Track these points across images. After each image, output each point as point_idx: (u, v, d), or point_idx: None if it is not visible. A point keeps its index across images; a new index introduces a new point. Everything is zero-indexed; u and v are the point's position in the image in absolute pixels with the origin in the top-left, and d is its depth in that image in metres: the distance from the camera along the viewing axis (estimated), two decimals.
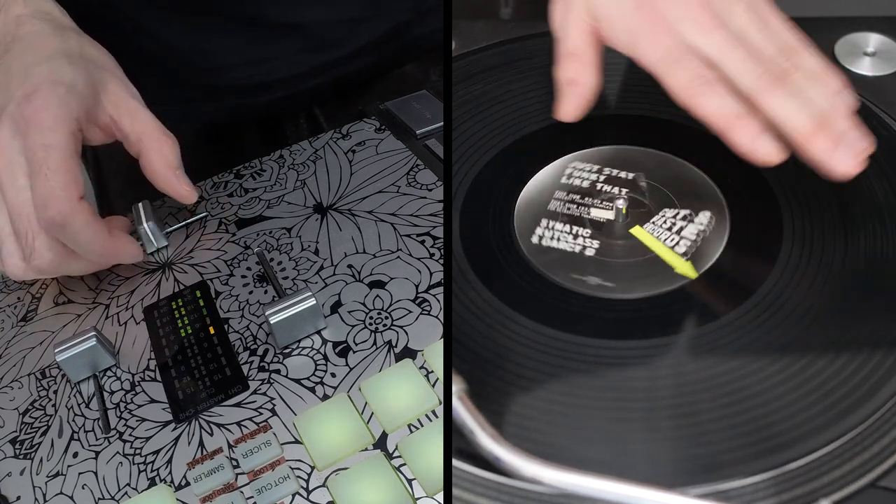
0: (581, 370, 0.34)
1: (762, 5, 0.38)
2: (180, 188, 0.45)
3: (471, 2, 0.58)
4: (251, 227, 0.48)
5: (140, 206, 0.48)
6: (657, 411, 0.33)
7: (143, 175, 0.45)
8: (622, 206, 0.40)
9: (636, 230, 0.39)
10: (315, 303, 0.40)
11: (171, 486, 0.36)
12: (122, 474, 0.37)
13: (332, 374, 0.39)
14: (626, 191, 0.41)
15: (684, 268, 0.37)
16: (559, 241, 0.40)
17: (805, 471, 0.30)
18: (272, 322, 0.39)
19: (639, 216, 0.40)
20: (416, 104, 0.55)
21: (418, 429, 0.36)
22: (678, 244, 0.38)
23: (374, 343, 0.40)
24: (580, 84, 0.41)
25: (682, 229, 0.39)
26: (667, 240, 0.39)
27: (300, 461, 0.36)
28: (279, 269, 0.45)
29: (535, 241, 0.40)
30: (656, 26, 0.37)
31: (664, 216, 0.40)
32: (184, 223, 0.50)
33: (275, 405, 0.38)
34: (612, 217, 0.40)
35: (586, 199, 0.41)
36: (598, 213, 0.41)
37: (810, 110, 0.35)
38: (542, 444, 0.32)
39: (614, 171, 0.43)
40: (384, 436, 0.36)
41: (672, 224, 0.39)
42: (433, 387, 0.37)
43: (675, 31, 0.37)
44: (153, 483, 0.36)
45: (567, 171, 0.43)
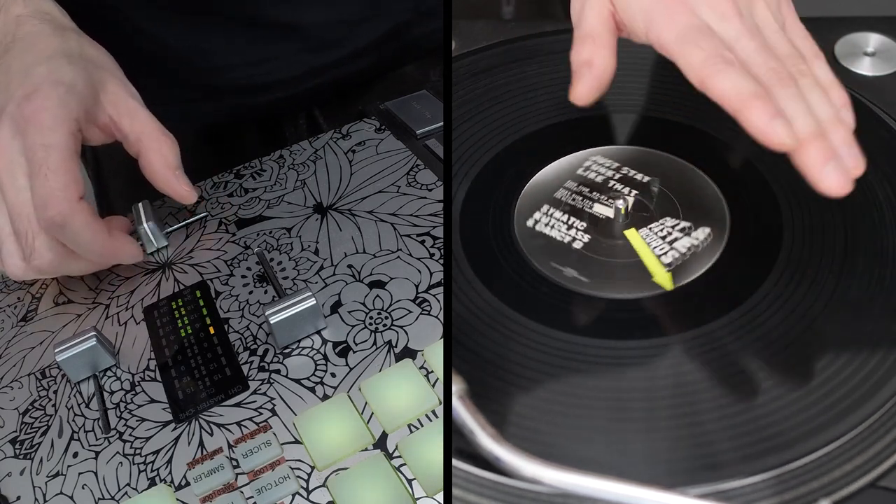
0: (581, 370, 0.34)
1: (785, 7, 0.38)
2: (180, 188, 0.45)
3: (471, 2, 0.58)
4: (251, 227, 0.48)
5: (140, 206, 0.48)
6: (657, 411, 0.33)
7: (143, 175, 0.45)
8: (622, 207, 0.40)
9: (630, 232, 0.39)
10: (315, 303, 0.40)
11: (171, 486, 0.36)
12: (122, 474, 0.37)
13: (332, 374, 0.39)
14: (636, 193, 0.41)
15: (662, 278, 0.37)
16: (552, 228, 0.40)
17: (805, 471, 0.30)
18: (272, 322, 0.39)
19: (639, 220, 0.40)
20: (416, 104, 0.55)
21: (418, 429, 0.36)
22: (666, 254, 0.38)
23: (374, 343, 0.40)
24: (595, 66, 0.39)
25: (675, 240, 0.38)
26: (657, 247, 0.38)
27: (300, 461, 0.36)
28: (279, 269, 0.45)
29: (529, 224, 0.40)
30: (674, 7, 0.37)
31: (663, 224, 0.39)
32: (184, 223, 0.50)
33: (275, 405, 0.38)
34: (612, 216, 0.40)
35: (594, 193, 0.41)
36: (599, 209, 0.41)
37: (811, 117, 0.34)
38: (542, 444, 0.32)
39: (632, 171, 0.42)
40: (384, 436, 0.36)
41: (668, 233, 0.39)
42: (433, 387, 0.37)
43: (692, 12, 0.36)
44: (153, 483, 0.36)
45: (586, 163, 0.43)
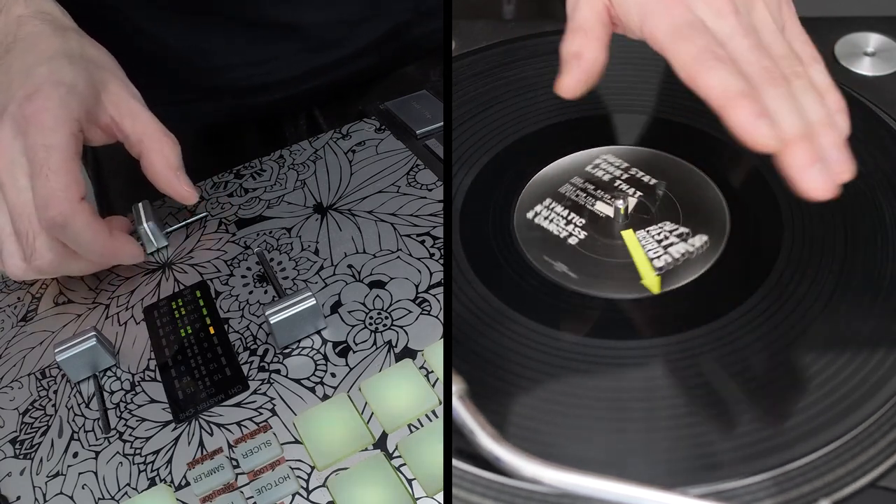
0: (581, 370, 0.34)
1: (786, 10, 0.37)
2: (181, 189, 0.45)
3: (471, 2, 0.58)
4: (251, 227, 0.48)
5: (140, 206, 0.48)
6: (657, 411, 0.33)
7: (143, 175, 0.45)
8: (622, 206, 0.40)
9: (627, 233, 0.39)
10: (315, 303, 0.40)
11: (171, 486, 0.36)
12: (122, 474, 0.37)
13: (332, 374, 0.39)
14: (640, 195, 0.41)
15: (650, 281, 0.37)
16: (551, 221, 0.40)
17: (805, 471, 0.30)
18: (272, 322, 0.39)
19: (639, 221, 0.40)
20: (416, 104, 0.55)
21: (418, 429, 0.36)
22: (659, 258, 0.38)
23: (374, 343, 0.40)
24: (584, 58, 0.38)
25: (670, 245, 0.38)
26: (650, 250, 0.38)
27: (300, 461, 0.36)
28: (279, 269, 0.45)
29: (529, 216, 0.40)
30: (669, 2, 0.35)
31: (662, 228, 0.39)
32: (184, 223, 0.50)
33: (275, 405, 0.38)
34: (612, 215, 0.40)
35: (598, 191, 0.41)
36: (601, 208, 0.41)
37: (800, 118, 0.33)
38: (542, 444, 0.32)
39: (640, 172, 0.42)
40: (384, 436, 0.36)
41: (665, 237, 0.39)
42: (433, 387, 0.37)
43: (688, 8, 0.35)
44: (153, 483, 0.36)
45: (596, 160, 0.43)
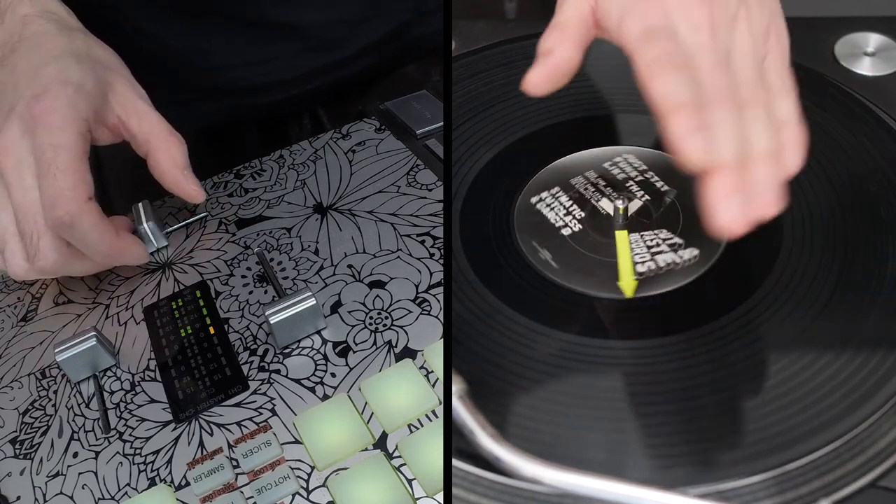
0: (581, 370, 0.34)
1: (774, 40, 0.35)
2: (188, 188, 0.45)
3: (471, 2, 0.58)
4: (251, 227, 0.48)
5: (140, 206, 0.48)
6: (657, 411, 0.33)
7: (144, 175, 0.45)
8: (621, 207, 0.40)
9: (620, 233, 0.39)
10: (315, 303, 0.40)
11: (171, 486, 0.36)
12: (122, 474, 0.37)
13: (332, 374, 0.39)
14: (647, 198, 0.41)
15: (627, 285, 0.37)
16: (551, 209, 0.40)
17: (805, 471, 0.30)
18: (272, 322, 0.39)
19: (637, 224, 0.40)
20: (416, 104, 0.55)
21: (418, 429, 0.36)
22: (644, 263, 0.38)
23: (374, 343, 0.40)
24: (554, 55, 0.36)
25: (659, 253, 0.38)
26: (638, 254, 0.38)
27: (300, 461, 0.36)
28: (279, 269, 0.45)
29: (533, 200, 0.40)
30: (650, 5, 0.34)
31: (656, 235, 0.39)
32: (184, 223, 0.50)
33: (275, 405, 0.38)
34: (612, 213, 0.40)
35: (608, 188, 0.41)
36: (604, 205, 0.41)
37: (738, 144, 0.32)
38: (542, 444, 0.32)
39: (655, 177, 0.42)
40: (384, 436, 0.36)
41: (656, 245, 0.39)
42: (433, 387, 0.37)
43: (666, 14, 0.34)
44: (153, 483, 0.36)
45: (616, 158, 0.43)
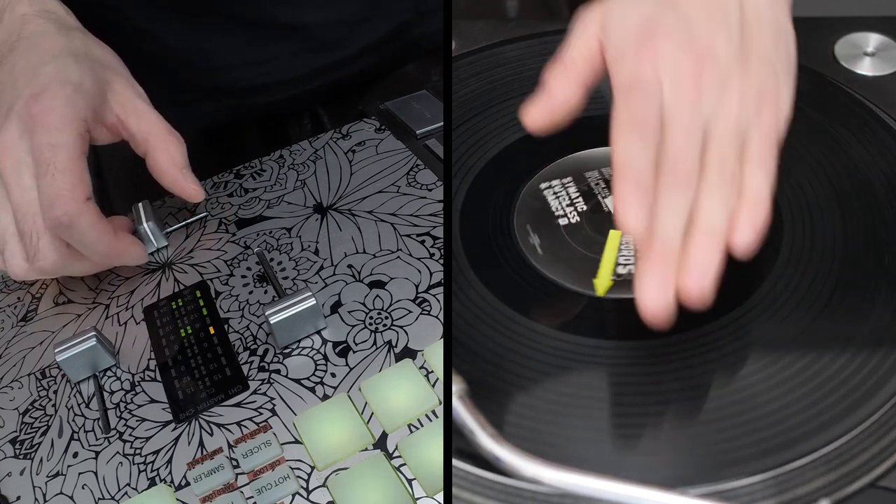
0: (581, 370, 0.34)
1: (767, 114, 0.34)
2: (188, 187, 0.45)
3: (471, 1, 0.58)
4: (251, 227, 0.48)
5: (140, 206, 0.48)
6: (657, 411, 0.33)
7: (144, 175, 0.45)
8: None
9: (614, 233, 0.39)
10: (315, 303, 0.40)
11: (171, 486, 0.36)
12: (122, 474, 0.37)
13: (332, 374, 0.39)
14: None
15: (602, 283, 0.37)
16: (556, 197, 0.40)
17: (805, 471, 0.30)
18: (272, 322, 0.39)
19: None
20: (416, 104, 0.55)
21: (418, 429, 0.36)
22: (625, 266, 0.38)
23: (374, 343, 0.40)
24: (553, 95, 0.37)
25: None
26: (623, 256, 0.38)
27: (300, 461, 0.36)
28: (279, 269, 0.45)
29: (542, 186, 0.41)
30: (643, 56, 0.34)
31: None
32: (184, 223, 0.50)
33: (275, 405, 0.38)
34: (612, 212, 0.40)
35: None
36: (609, 202, 0.41)
37: (677, 221, 0.31)
38: (542, 444, 0.32)
39: None
40: (384, 436, 0.36)
41: None
42: (433, 387, 0.37)
43: (654, 66, 0.34)
44: (153, 483, 0.36)
45: None
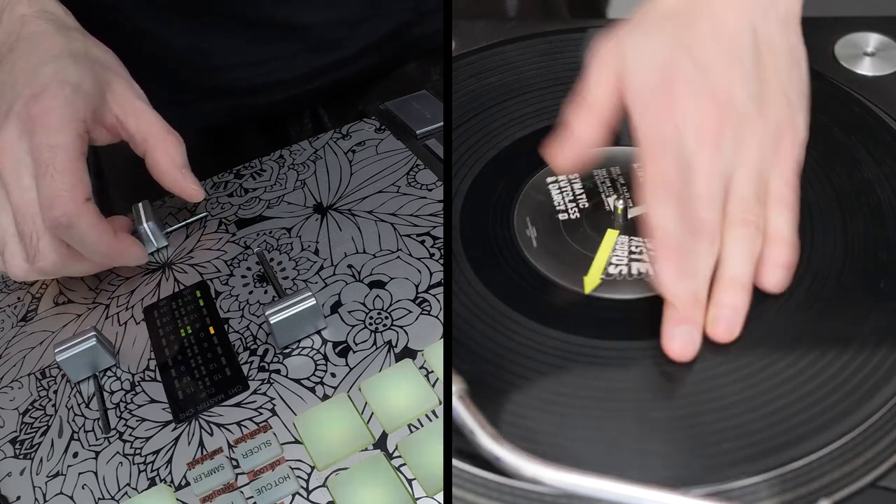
0: (581, 370, 0.34)
1: (786, 153, 0.36)
2: (187, 187, 0.45)
3: (471, 1, 0.58)
4: (251, 227, 0.48)
5: (140, 206, 0.48)
6: (657, 411, 0.33)
7: (144, 175, 0.45)
8: (620, 206, 0.40)
9: (611, 232, 0.39)
10: (315, 303, 0.40)
11: (171, 486, 0.36)
12: (122, 474, 0.37)
13: (332, 374, 0.39)
14: None
15: (591, 281, 0.37)
16: (560, 192, 0.40)
17: (805, 471, 0.30)
18: (272, 322, 0.39)
19: (633, 228, 0.40)
20: (416, 104, 0.55)
21: (418, 429, 0.36)
22: (616, 266, 0.38)
23: (374, 343, 0.40)
24: (578, 138, 0.38)
25: (636, 260, 0.38)
26: (616, 256, 0.38)
27: (300, 461, 0.36)
28: (279, 269, 0.45)
29: (549, 180, 0.41)
30: (663, 111, 0.35)
31: (643, 243, 0.39)
32: (184, 223, 0.50)
33: (275, 405, 0.38)
34: (612, 211, 0.40)
35: (624, 188, 0.41)
36: (611, 202, 0.41)
37: (704, 278, 0.34)
38: (542, 444, 0.32)
39: None
40: (384, 436, 0.36)
41: (640, 252, 0.38)
42: (433, 387, 0.37)
43: (675, 123, 0.35)
44: (153, 483, 0.36)
45: None
